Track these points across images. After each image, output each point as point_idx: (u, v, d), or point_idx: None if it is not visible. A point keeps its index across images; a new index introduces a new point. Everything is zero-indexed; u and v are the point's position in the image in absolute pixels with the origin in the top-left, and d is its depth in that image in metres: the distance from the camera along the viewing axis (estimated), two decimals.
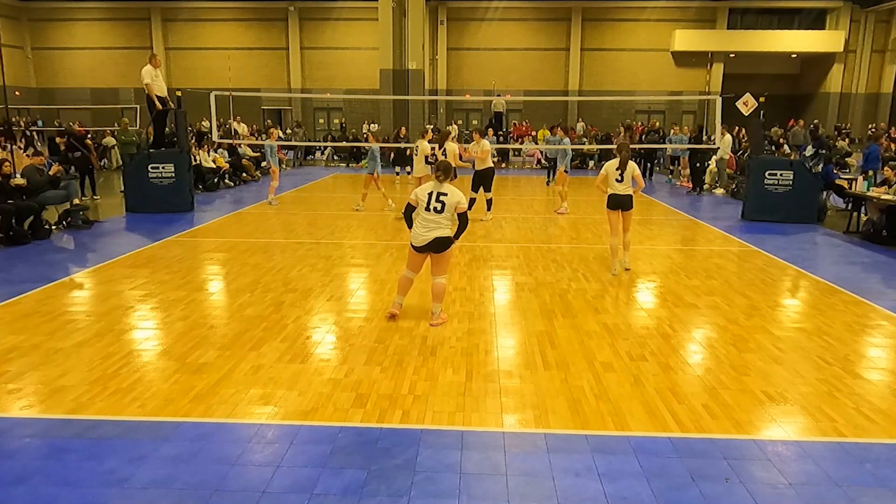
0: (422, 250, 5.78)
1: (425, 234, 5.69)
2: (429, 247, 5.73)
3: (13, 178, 9.62)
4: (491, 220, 11.54)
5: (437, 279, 5.87)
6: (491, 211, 11.71)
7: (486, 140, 11.79)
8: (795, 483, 3.42)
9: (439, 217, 5.69)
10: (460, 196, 5.78)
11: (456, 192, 5.77)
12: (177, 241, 9.60)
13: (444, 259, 5.82)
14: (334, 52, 31.62)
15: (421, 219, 5.75)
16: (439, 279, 5.85)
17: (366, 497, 3.25)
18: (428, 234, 5.69)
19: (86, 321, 5.89)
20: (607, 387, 4.59)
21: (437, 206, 5.68)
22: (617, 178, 7.67)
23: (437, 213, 5.68)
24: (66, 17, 32.07)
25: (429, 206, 5.71)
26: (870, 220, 10.32)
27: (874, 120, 29.38)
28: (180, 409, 4.16)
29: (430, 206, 5.70)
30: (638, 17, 30.69)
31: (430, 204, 5.70)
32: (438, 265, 5.85)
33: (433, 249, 5.75)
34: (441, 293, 5.90)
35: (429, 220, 5.71)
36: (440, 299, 5.92)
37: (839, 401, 4.41)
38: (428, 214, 5.71)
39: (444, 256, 5.80)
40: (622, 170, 7.62)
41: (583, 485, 3.38)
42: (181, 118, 12.67)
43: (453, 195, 5.73)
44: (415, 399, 4.34)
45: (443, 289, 5.90)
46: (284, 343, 5.39)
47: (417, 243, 5.74)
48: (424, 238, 5.69)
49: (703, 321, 6.18)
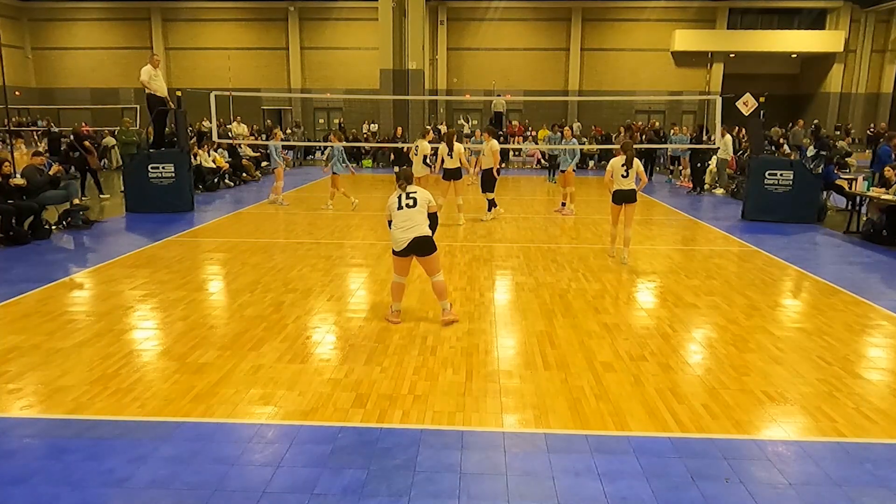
0: (404, 253, 5.77)
1: (403, 235, 5.71)
2: (410, 248, 5.71)
3: (13, 178, 9.61)
4: (491, 219, 11.52)
5: (433, 279, 5.89)
6: (491, 212, 11.68)
7: (495, 141, 11.73)
8: (795, 483, 3.42)
9: (413, 212, 5.74)
10: (429, 195, 5.96)
11: (424, 191, 5.94)
12: (177, 241, 9.60)
13: (431, 260, 5.83)
14: (334, 52, 31.64)
15: (397, 222, 5.77)
16: (436, 278, 5.87)
17: (366, 497, 3.25)
18: (406, 235, 5.70)
19: (86, 321, 5.89)
20: (607, 387, 4.59)
21: (409, 203, 5.77)
22: (623, 174, 8.10)
23: (410, 209, 5.75)
24: (66, 17, 32.10)
25: (400, 205, 5.77)
26: (870, 220, 10.31)
27: (874, 120, 29.38)
28: (180, 409, 4.16)
29: (401, 205, 5.77)
30: (638, 17, 30.71)
31: (401, 203, 5.77)
32: (429, 266, 5.87)
33: (416, 251, 5.75)
34: (442, 290, 5.91)
35: (404, 219, 5.74)
36: (444, 296, 5.93)
37: (839, 401, 4.41)
38: (401, 213, 5.75)
39: (430, 258, 5.81)
40: (628, 166, 8.06)
41: (583, 485, 3.38)
42: (181, 118, 12.67)
43: (422, 192, 5.90)
44: (415, 399, 4.34)
45: (442, 286, 5.91)
46: (284, 343, 5.39)
47: (399, 247, 5.76)
48: (404, 239, 5.70)
49: (703, 321, 6.17)
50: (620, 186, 8.13)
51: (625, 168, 8.05)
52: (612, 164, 8.23)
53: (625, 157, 8.06)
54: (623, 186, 8.11)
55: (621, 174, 8.09)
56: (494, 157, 11.43)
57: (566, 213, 12.50)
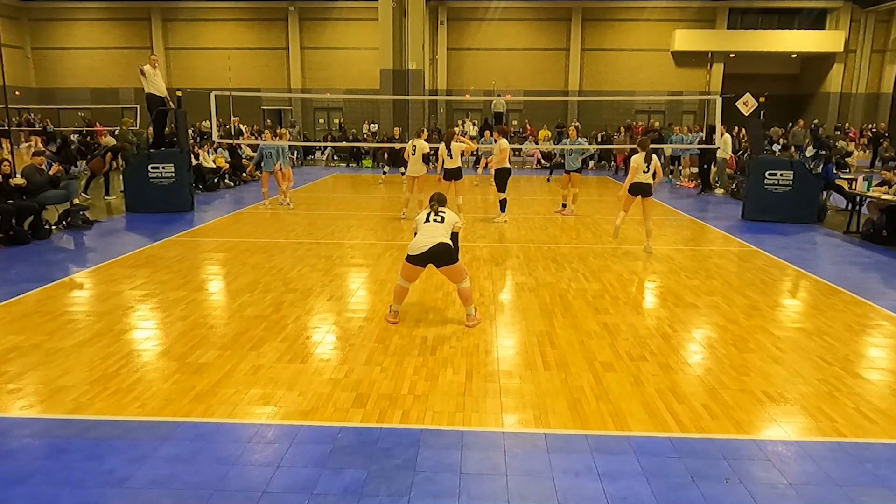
0: (420, 260, 5.71)
1: (426, 241, 5.69)
2: (429, 254, 5.67)
3: (13, 177, 9.61)
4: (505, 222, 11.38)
5: (459, 286, 5.88)
6: (505, 213, 11.55)
7: (505, 139, 11.69)
8: (795, 483, 3.42)
9: (439, 226, 5.81)
10: (457, 217, 6.11)
11: (453, 214, 6.03)
12: (177, 241, 9.60)
13: (454, 270, 5.81)
14: (334, 52, 31.62)
15: (420, 232, 5.81)
16: (461, 285, 5.85)
17: (366, 497, 3.25)
18: (429, 241, 5.68)
19: (86, 321, 5.89)
20: (607, 387, 4.59)
21: (437, 219, 5.86)
22: (644, 169, 8.81)
23: (438, 223, 5.83)
24: (66, 17, 32.07)
25: (428, 219, 5.86)
26: (870, 220, 10.31)
27: (874, 120, 29.38)
28: (180, 409, 4.16)
29: (429, 220, 5.85)
30: (638, 17, 30.68)
31: (428, 218, 5.86)
32: (452, 275, 5.86)
33: (435, 259, 5.72)
34: (468, 296, 5.89)
35: (429, 229, 5.78)
36: (469, 301, 5.92)
37: (839, 401, 4.41)
38: (428, 225, 5.81)
39: (452, 268, 5.80)
40: (648, 161, 8.82)
41: (583, 485, 3.38)
42: (181, 118, 12.67)
43: (451, 214, 5.99)
44: (415, 399, 4.35)
45: (468, 292, 5.89)
46: (284, 343, 5.39)
47: (416, 251, 5.68)
48: (426, 244, 5.66)
49: (703, 321, 6.18)
50: (641, 179, 8.83)
51: (646, 164, 8.79)
52: (634, 161, 8.90)
53: (644, 154, 8.79)
54: (643, 180, 8.83)
55: (643, 169, 8.80)
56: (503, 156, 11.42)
57: (566, 213, 12.49)
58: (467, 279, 5.90)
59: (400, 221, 11.41)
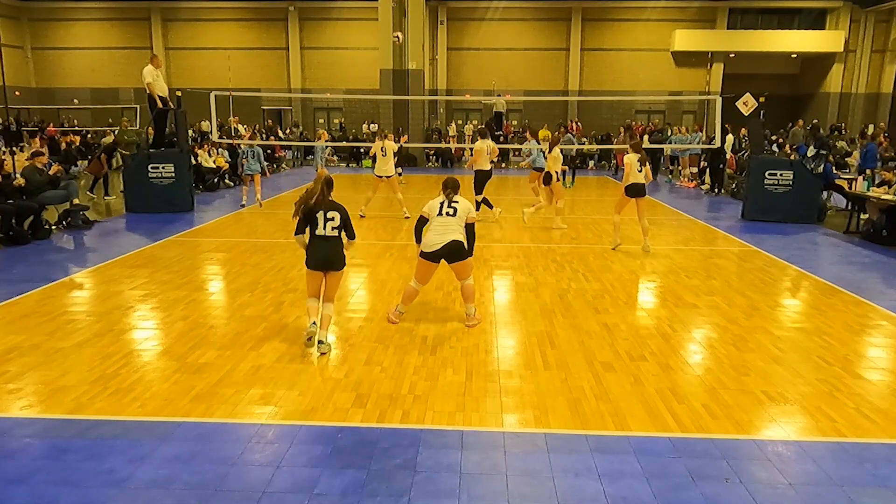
0: (435, 256, 5.72)
1: (438, 238, 5.69)
2: (443, 252, 5.69)
3: (13, 178, 9.61)
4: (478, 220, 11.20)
5: (464, 282, 5.89)
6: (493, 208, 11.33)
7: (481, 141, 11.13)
8: (795, 483, 3.42)
9: (451, 220, 5.76)
10: (469, 204, 5.96)
11: (465, 201, 5.93)
12: (177, 241, 9.59)
13: (464, 265, 5.83)
14: (334, 52, 31.60)
15: (433, 226, 5.79)
16: (466, 281, 5.87)
17: (366, 497, 3.25)
18: (442, 238, 5.68)
19: (86, 321, 5.89)
20: (607, 387, 4.59)
21: (450, 211, 5.80)
22: (638, 169, 8.92)
23: (450, 217, 5.78)
24: (66, 17, 32.05)
25: (441, 212, 5.79)
26: (870, 220, 10.31)
27: (874, 120, 29.37)
28: (180, 409, 4.16)
29: (441, 212, 5.79)
30: (638, 17, 30.66)
31: (441, 210, 5.79)
32: (461, 271, 5.86)
33: (447, 256, 5.72)
34: (471, 294, 5.91)
35: (441, 225, 5.75)
36: (471, 300, 5.93)
37: (839, 401, 4.41)
38: (440, 219, 5.78)
39: (463, 264, 5.81)
40: (642, 163, 8.95)
41: (583, 485, 3.38)
42: (181, 118, 12.67)
43: (464, 202, 5.89)
44: (415, 399, 4.34)
45: (471, 290, 5.91)
46: (284, 343, 5.39)
47: (430, 248, 5.70)
48: (439, 242, 5.67)
49: (703, 321, 6.17)
50: (636, 180, 8.93)
51: (640, 164, 8.92)
52: (629, 160, 8.99)
53: (639, 156, 8.94)
54: (637, 180, 8.93)
55: (637, 169, 8.90)
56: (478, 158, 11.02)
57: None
58: (472, 278, 5.92)
59: (400, 221, 11.41)
